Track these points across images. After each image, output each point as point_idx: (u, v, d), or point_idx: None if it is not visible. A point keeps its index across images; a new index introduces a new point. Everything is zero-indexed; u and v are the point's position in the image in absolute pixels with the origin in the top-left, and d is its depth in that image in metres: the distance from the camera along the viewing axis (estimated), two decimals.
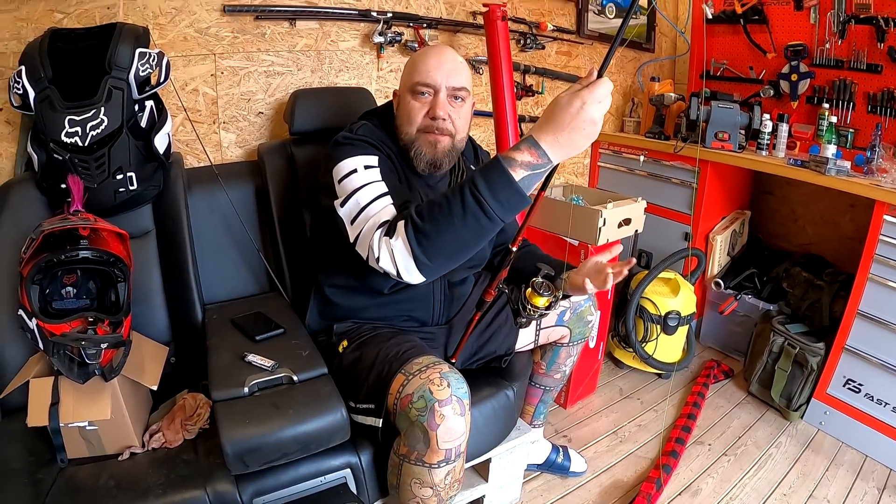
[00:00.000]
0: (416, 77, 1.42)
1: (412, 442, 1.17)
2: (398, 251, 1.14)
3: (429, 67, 1.41)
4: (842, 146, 2.58)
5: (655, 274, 2.45)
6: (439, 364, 1.22)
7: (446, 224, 1.10)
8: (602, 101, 1.03)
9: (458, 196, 1.09)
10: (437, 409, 1.13)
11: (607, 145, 3.09)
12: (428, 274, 1.16)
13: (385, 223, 1.20)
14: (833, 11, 2.64)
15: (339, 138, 1.39)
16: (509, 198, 1.07)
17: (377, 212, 1.23)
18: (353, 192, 1.27)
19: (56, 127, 1.43)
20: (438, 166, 1.45)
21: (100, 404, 1.24)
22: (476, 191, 1.07)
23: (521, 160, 1.05)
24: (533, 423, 1.86)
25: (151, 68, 1.55)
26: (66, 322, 1.23)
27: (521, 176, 1.05)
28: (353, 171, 1.29)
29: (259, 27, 1.97)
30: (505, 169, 1.05)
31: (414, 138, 1.43)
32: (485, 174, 1.07)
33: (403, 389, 1.19)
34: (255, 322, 1.53)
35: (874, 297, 2.09)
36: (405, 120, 1.44)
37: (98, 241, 1.32)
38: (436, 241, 1.12)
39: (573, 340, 1.73)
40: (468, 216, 1.08)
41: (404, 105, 1.45)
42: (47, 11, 1.64)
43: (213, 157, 1.94)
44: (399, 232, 1.14)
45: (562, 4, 2.82)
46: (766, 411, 2.37)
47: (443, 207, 1.11)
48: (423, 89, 1.41)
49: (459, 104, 1.45)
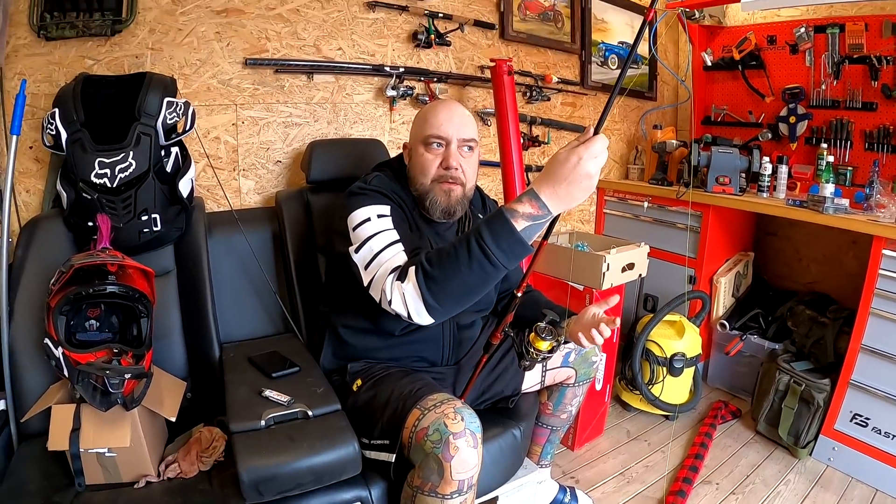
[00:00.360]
0: (429, 130, 1.51)
1: (426, 473, 1.21)
2: (409, 295, 1.21)
3: (440, 121, 1.51)
4: (841, 184, 2.65)
5: (660, 317, 2.50)
6: (453, 400, 1.28)
7: (453, 270, 1.18)
8: (598, 156, 1.08)
9: (464, 245, 1.17)
10: (451, 441, 1.18)
11: (612, 192, 3.17)
12: (437, 316, 1.23)
13: (397, 268, 1.27)
14: (827, 53, 2.75)
15: (354, 188, 1.47)
16: (512, 246, 1.14)
17: (389, 258, 1.31)
18: (366, 239, 1.35)
19: (86, 168, 1.51)
20: (452, 213, 1.53)
21: (120, 432, 1.29)
22: (481, 240, 1.14)
23: (523, 211, 1.13)
24: (540, 462, 1.90)
25: (178, 116, 1.64)
26: (92, 352, 1.30)
27: (523, 226, 1.13)
28: (366, 220, 1.37)
29: (278, 80, 2.09)
30: (507, 220, 1.13)
31: (429, 188, 1.51)
32: (489, 224, 1.15)
33: (419, 423, 1.24)
34: (271, 360, 1.59)
35: (877, 331, 2.12)
36: (419, 171, 1.52)
37: (124, 277, 1.40)
38: (444, 286, 1.19)
39: (578, 381, 1.78)
40: (473, 263, 1.15)
41: (417, 157, 1.53)
42: (78, 57, 1.76)
43: (233, 202, 2.03)
44: (410, 277, 1.22)
45: (566, 57, 2.94)
46: (775, 449, 2.37)
47: (450, 255, 1.18)
48: (436, 141, 1.50)
49: (469, 154, 1.54)
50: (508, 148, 2.32)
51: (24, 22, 1.67)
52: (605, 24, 3.07)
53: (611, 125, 3.25)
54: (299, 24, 2.09)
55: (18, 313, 1.46)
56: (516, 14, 2.66)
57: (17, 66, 1.69)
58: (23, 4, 1.66)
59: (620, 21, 3.14)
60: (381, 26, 2.28)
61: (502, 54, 2.65)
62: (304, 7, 2.09)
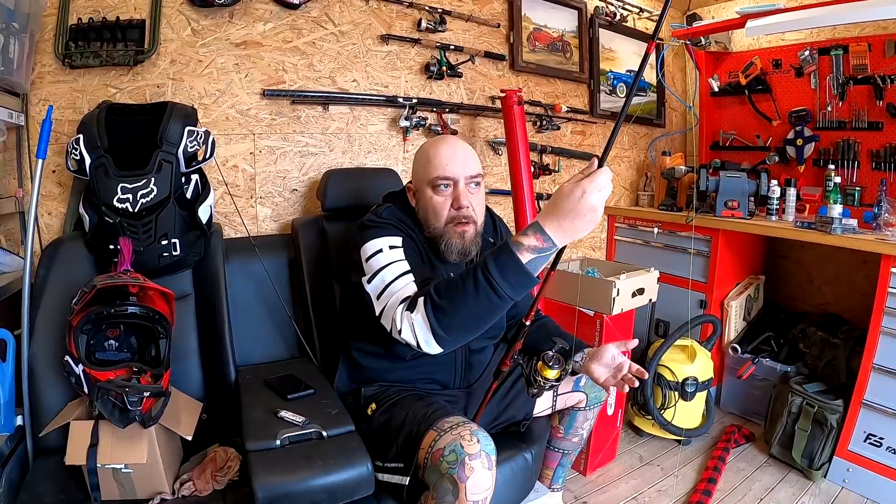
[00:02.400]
0: (434, 172, 1.51)
1: (441, 494, 1.22)
2: (418, 325, 1.24)
3: (444, 161, 1.50)
4: (850, 205, 2.67)
5: (671, 341, 2.50)
6: (469, 423, 1.30)
7: (461, 302, 1.21)
8: (602, 189, 1.10)
9: (471, 277, 1.20)
10: (467, 462, 1.20)
11: (623, 219, 3.19)
12: (445, 346, 1.26)
13: (407, 299, 1.30)
14: (832, 75, 2.80)
15: (366, 221, 1.49)
16: (517, 277, 1.16)
17: (399, 289, 1.34)
18: (378, 270, 1.38)
19: (109, 192, 1.56)
20: (467, 254, 1.53)
21: (137, 449, 1.31)
22: (487, 272, 1.17)
23: (528, 244, 1.15)
24: (552, 486, 1.90)
25: (199, 145, 1.70)
26: (112, 370, 1.34)
27: (528, 259, 1.15)
28: (378, 251, 1.40)
29: (295, 110, 2.16)
30: (513, 252, 1.15)
31: (443, 231, 1.52)
32: (495, 257, 1.18)
33: (435, 444, 1.26)
34: (286, 383, 1.61)
35: (888, 350, 2.12)
36: (431, 215, 1.52)
37: (145, 298, 1.44)
38: (452, 317, 1.22)
39: (590, 405, 1.78)
40: (480, 295, 1.18)
41: (425, 200, 1.53)
42: (102, 85, 1.83)
43: (250, 229, 2.08)
44: (419, 308, 1.25)
45: (575, 87, 3.00)
46: (789, 472, 2.35)
47: (458, 287, 1.21)
48: (444, 182, 1.50)
49: (476, 189, 1.54)
50: (519, 177, 2.37)
51: (50, 50, 1.75)
52: (613, 53, 3.14)
53: (620, 152, 3.29)
54: (315, 57, 2.16)
55: (38, 331, 1.50)
56: (526, 45, 2.72)
57: (42, 92, 1.77)
58: (48, 33, 1.74)
59: (628, 50, 3.21)
60: (394, 58, 2.35)
61: (512, 85, 2.71)
62: (319, 40, 2.17)
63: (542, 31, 2.80)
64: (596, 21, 3.01)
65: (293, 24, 2.11)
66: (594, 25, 3.00)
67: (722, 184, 2.73)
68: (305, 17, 2.13)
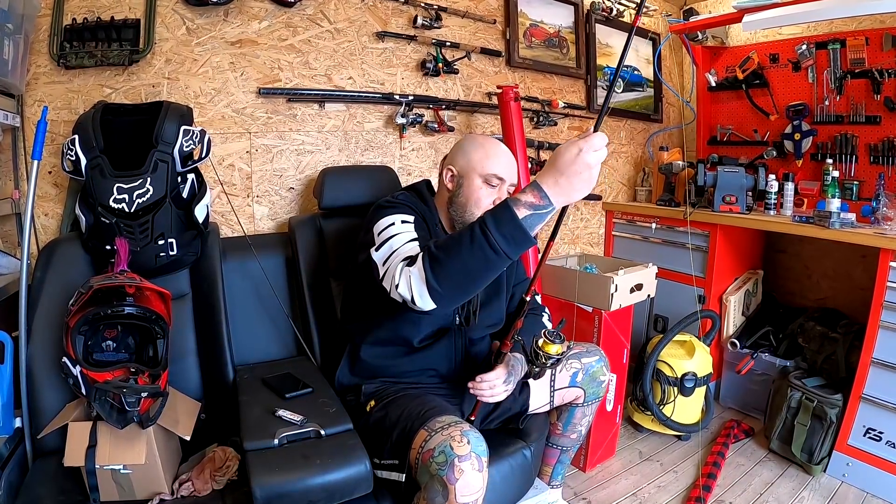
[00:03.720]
0: (494, 169, 1.61)
1: (431, 495, 1.23)
2: (414, 278, 1.25)
3: (504, 164, 1.63)
4: (848, 199, 2.66)
5: (670, 337, 2.50)
6: (461, 423, 1.30)
7: (456, 254, 1.21)
8: (598, 149, 1.13)
9: (468, 230, 1.20)
10: (456, 464, 1.20)
11: (621, 214, 3.19)
12: (439, 301, 1.24)
13: (408, 258, 1.32)
14: (829, 69, 2.79)
15: (382, 202, 1.56)
16: (513, 233, 1.16)
17: (404, 251, 1.37)
18: (387, 238, 1.42)
19: (105, 193, 1.56)
20: None
21: (135, 449, 1.31)
22: (484, 226, 1.18)
23: (525, 201, 1.16)
24: (551, 483, 1.90)
25: (194, 144, 1.69)
26: (110, 371, 1.34)
27: (524, 214, 1.16)
28: (391, 224, 1.45)
29: (291, 109, 2.15)
30: (510, 207, 1.17)
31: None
32: (492, 212, 1.20)
33: (426, 445, 1.26)
34: (284, 381, 1.61)
35: (887, 344, 2.13)
36: (473, 202, 1.60)
37: (142, 299, 1.43)
38: (446, 269, 1.22)
39: (588, 400, 1.79)
40: (475, 248, 1.18)
41: (473, 188, 1.61)
42: (97, 86, 1.82)
43: (247, 228, 2.07)
44: (417, 262, 1.26)
45: (572, 82, 3.00)
46: (788, 467, 2.36)
47: (455, 240, 1.23)
48: (496, 181, 1.61)
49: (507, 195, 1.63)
50: None
51: (45, 51, 1.74)
52: (610, 49, 3.13)
53: (617, 148, 3.29)
54: (311, 55, 2.16)
55: (36, 333, 1.50)
56: (522, 41, 2.72)
57: (38, 93, 1.76)
58: (43, 34, 1.73)
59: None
60: (390, 55, 2.34)
61: (509, 81, 2.71)
62: (315, 38, 2.16)
63: (538, 26, 2.79)
64: (592, 16, 3.00)
65: (288, 22, 2.10)
66: (591, 21, 3.00)
67: (720, 178, 2.73)
68: (301, 14, 2.12)
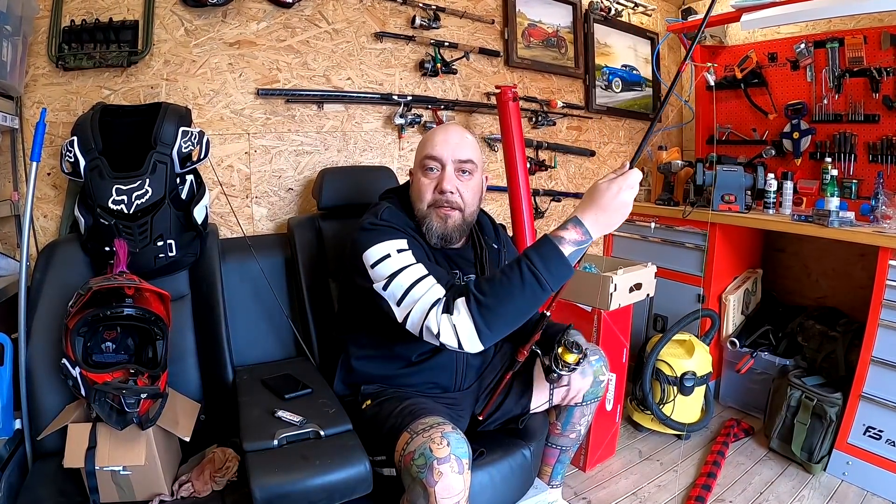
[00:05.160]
0: (425, 151, 1.54)
1: (413, 498, 1.22)
2: (461, 325, 1.26)
3: (435, 143, 1.53)
4: (847, 197, 2.66)
5: (670, 336, 2.50)
6: (443, 425, 1.28)
7: (507, 297, 1.26)
8: (633, 187, 1.23)
9: (517, 272, 1.26)
10: (435, 466, 1.18)
11: None
12: (487, 342, 1.29)
13: (437, 302, 1.31)
14: (828, 68, 2.79)
15: (367, 224, 1.46)
16: (559, 269, 1.25)
17: (424, 293, 1.33)
18: (392, 274, 1.36)
19: (104, 194, 1.56)
20: (449, 240, 1.55)
21: (135, 451, 1.32)
22: (533, 266, 1.24)
23: (569, 238, 1.25)
24: (551, 483, 1.90)
25: (193, 145, 1.69)
26: (109, 372, 1.34)
27: (570, 251, 1.25)
28: (386, 256, 1.38)
29: (290, 109, 2.15)
30: (556, 246, 1.24)
31: (425, 213, 1.53)
32: (539, 251, 1.26)
33: (407, 447, 1.26)
34: (283, 382, 1.61)
35: (887, 343, 2.12)
36: (416, 196, 1.55)
37: (141, 300, 1.44)
38: (497, 313, 1.26)
39: (586, 401, 1.77)
40: (526, 288, 1.24)
41: (415, 182, 1.56)
42: (96, 87, 1.83)
43: (246, 229, 2.08)
44: (460, 308, 1.27)
45: (570, 82, 3.00)
46: (788, 466, 2.35)
47: (503, 283, 1.26)
48: (431, 164, 1.52)
49: (467, 178, 1.55)
50: (515, 173, 2.36)
51: (43, 52, 1.74)
52: (609, 49, 3.13)
53: (616, 147, 3.29)
54: (309, 55, 2.16)
55: (35, 334, 1.50)
56: (520, 41, 2.72)
57: (36, 94, 1.76)
58: (41, 36, 1.74)
59: (623, 45, 3.21)
60: (388, 56, 2.34)
61: (507, 81, 2.71)
62: (313, 39, 2.16)
63: (536, 26, 2.80)
64: (591, 16, 3.00)
65: (287, 23, 2.10)
66: (589, 20, 3.00)
67: (719, 177, 2.72)
68: (299, 15, 2.13)
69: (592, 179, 3.05)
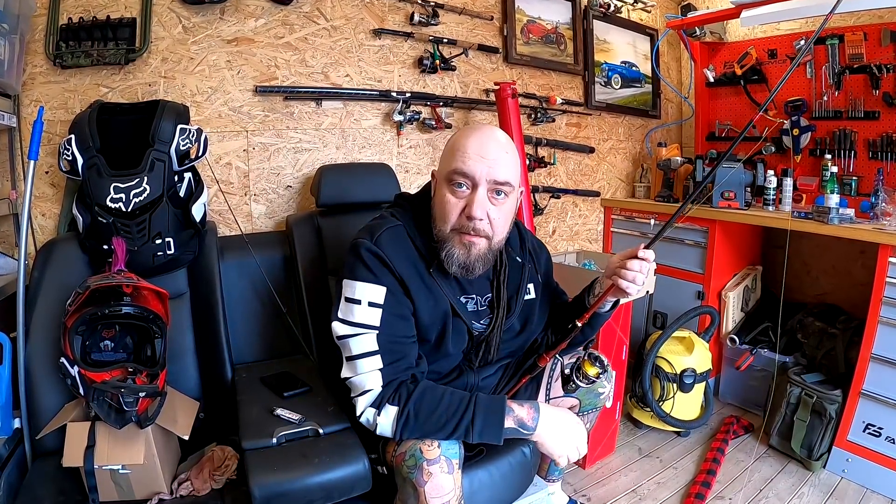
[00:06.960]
0: (455, 163, 1.28)
1: (405, 497, 1.23)
2: (381, 426, 1.25)
3: (469, 153, 1.27)
4: (847, 194, 2.66)
5: (669, 333, 2.50)
6: None
7: (434, 425, 1.24)
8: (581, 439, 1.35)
9: (458, 411, 1.24)
10: (425, 467, 1.19)
11: (619, 211, 3.19)
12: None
13: (370, 392, 1.26)
14: (828, 64, 2.78)
15: (361, 250, 1.29)
16: (490, 431, 1.25)
17: (365, 372, 1.26)
18: (350, 325, 1.27)
19: (102, 192, 1.56)
20: (471, 270, 1.33)
21: (134, 449, 1.32)
22: (473, 416, 1.24)
23: (519, 415, 1.28)
24: (549, 478, 1.89)
25: (191, 143, 1.69)
26: (107, 371, 1.34)
27: (509, 425, 1.27)
28: (357, 302, 1.27)
29: (288, 107, 2.15)
30: (503, 415, 1.26)
31: (447, 237, 1.31)
32: (489, 408, 1.26)
33: (398, 448, 1.26)
34: (282, 380, 1.62)
35: (886, 340, 2.12)
36: (439, 215, 1.32)
37: (139, 298, 1.44)
38: (418, 431, 1.24)
39: (583, 410, 1.70)
40: (455, 427, 1.24)
41: (440, 196, 1.32)
42: (93, 85, 1.82)
43: (244, 226, 2.08)
44: (389, 413, 1.24)
45: (569, 79, 3.00)
46: (788, 463, 2.35)
47: (441, 414, 1.24)
48: (461, 180, 1.28)
49: (501, 200, 1.31)
50: None
51: (41, 50, 1.74)
52: (608, 45, 3.12)
53: (615, 144, 3.29)
54: (307, 52, 2.15)
55: (34, 333, 1.50)
56: (519, 37, 2.71)
57: (34, 93, 1.76)
58: (39, 34, 1.73)
59: (622, 41, 3.20)
60: (387, 52, 2.33)
61: (506, 77, 2.70)
62: (311, 35, 2.15)
63: (535, 23, 2.79)
64: (590, 12, 2.99)
65: (285, 20, 2.10)
66: (588, 17, 2.99)
67: (718, 174, 2.71)
68: (297, 12, 2.12)
69: (591, 176, 3.08)
